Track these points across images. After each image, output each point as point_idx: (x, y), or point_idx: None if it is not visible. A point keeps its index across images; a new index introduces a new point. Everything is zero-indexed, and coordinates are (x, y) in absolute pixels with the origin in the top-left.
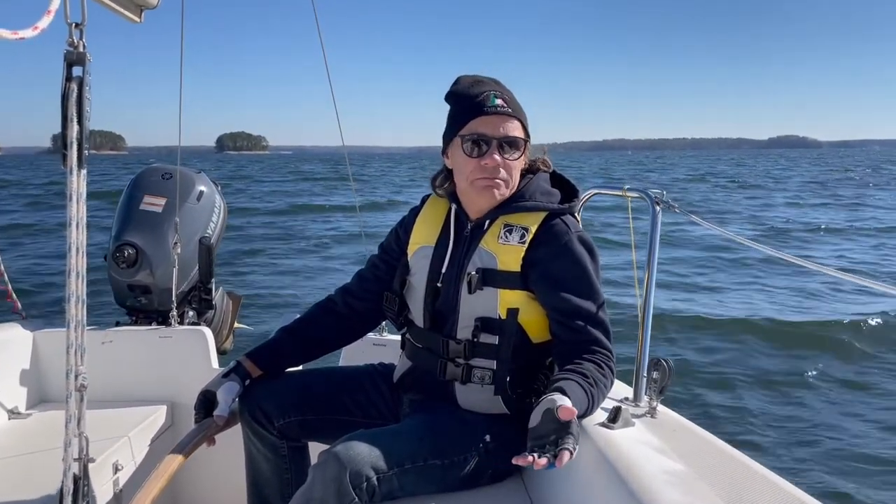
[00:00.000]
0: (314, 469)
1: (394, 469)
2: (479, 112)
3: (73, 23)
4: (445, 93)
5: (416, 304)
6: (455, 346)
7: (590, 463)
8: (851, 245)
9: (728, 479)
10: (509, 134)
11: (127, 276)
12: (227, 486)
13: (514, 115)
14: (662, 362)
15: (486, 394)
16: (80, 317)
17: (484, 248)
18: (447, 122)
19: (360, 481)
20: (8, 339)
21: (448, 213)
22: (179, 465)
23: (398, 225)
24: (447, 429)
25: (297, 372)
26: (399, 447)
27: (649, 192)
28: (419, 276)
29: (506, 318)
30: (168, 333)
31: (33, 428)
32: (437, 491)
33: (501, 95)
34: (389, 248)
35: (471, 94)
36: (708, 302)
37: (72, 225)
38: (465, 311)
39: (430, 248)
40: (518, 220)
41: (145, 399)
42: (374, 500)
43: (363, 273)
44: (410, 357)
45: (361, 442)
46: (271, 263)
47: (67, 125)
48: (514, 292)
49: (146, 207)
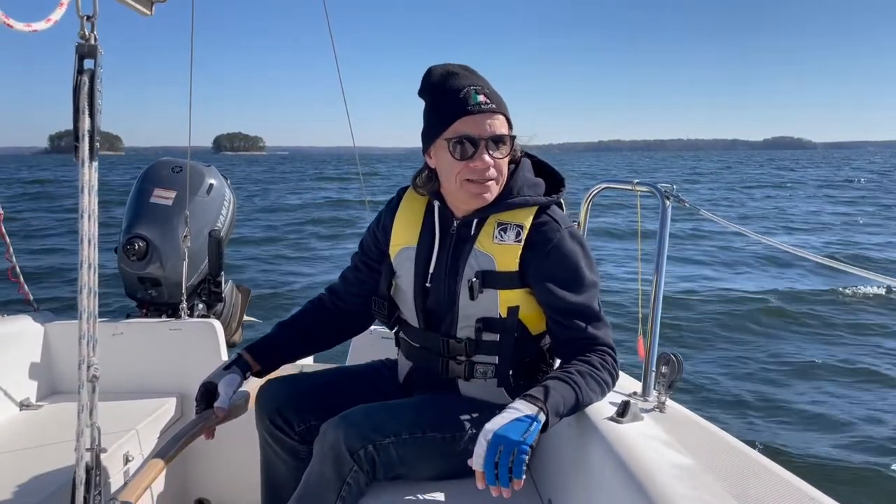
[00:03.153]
0: (315, 443)
1: (390, 437)
2: (463, 112)
3: (84, 15)
4: (419, 88)
5: (406, 304)
6: (456, 344)
7: (598, 457)
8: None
9: (737, 474)
10: (496, 132)
11: (137, 268)
12: (233, 475)
13: (497, 111)
14: (671, 357)
15: (490, 386)
16: (92, 308)
17: (480, 249)
18: (426, 119)
19: (357, 448)
20: (19, 331)
21: (429, 211)
22: (175, 455)
23: (375, 223)
24: (448, 405)
25: (314, 374)
26: (397, 417)
27: (658, 185)
28: (405, 277)
29: (506, 317)
30: (178, 326)
31: (45, 419)
32: (437, 465)
33: (482, 90)
34: (369, 250)
35: (450, 90)
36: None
37: (84, 216)
38: (465, 312)
39: (412, 250)
40: (511, 217)
41: (155, 391)
42: (376, 471)
43: (346, 275)
44: (408, 356)
45: (359, 412)
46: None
47: (79, 118)
48: (513, 291)
49: (156, 200)
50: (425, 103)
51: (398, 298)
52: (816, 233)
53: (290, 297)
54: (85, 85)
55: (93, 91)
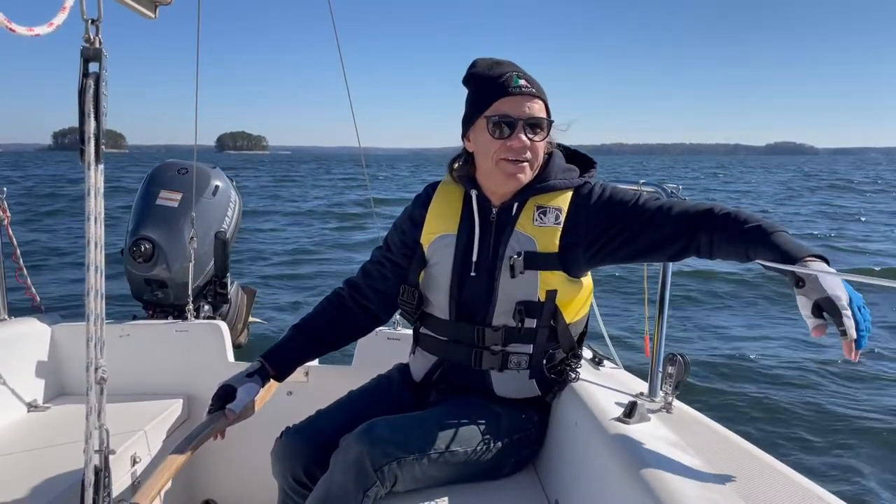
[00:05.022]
0: (335, 455)
1: (415, 454)
2: (504, 93)
3: (89, 19)
4: (463, 76)
5: (438, 295)
6: (492, 333)
7: (605, 457)
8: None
9: (744, 475)
10: (534, 114)
11: (143, 270)
12: (240, 476)
13: (537, 96)
14: (678, 357)
15: (522, 379)
16: (100, 310)
17: (521, 231)
18: (467, 105)
19: (381, 465)
20: (27, 333)
21: (465, 200)
22: (188, 456)
23: (402, 219)
24: (473, 418)
25: (329, 413)
26: (422, 433)
27: (664, 186)
28: (441, 265)
29: (545, 301)
30: (184, 327)
31: (52, 421)
32: (458, 479)
33: (524, 76)
34: (394, 244)
35: (493, 76)
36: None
37: (90, 219)
38: (504, 296)
39: (451, 237)
40: (549, 200)
41: (162, 392)
42: (396, 485)
43: (369, 270)
44: (434, 352)
45: (384, 426)
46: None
47: (85, 121)
48: (553, 273)
49: (162, 202)
50: (468, 91)
51: (429, 288)
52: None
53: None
54: (90, 88)
55: (98, 94)
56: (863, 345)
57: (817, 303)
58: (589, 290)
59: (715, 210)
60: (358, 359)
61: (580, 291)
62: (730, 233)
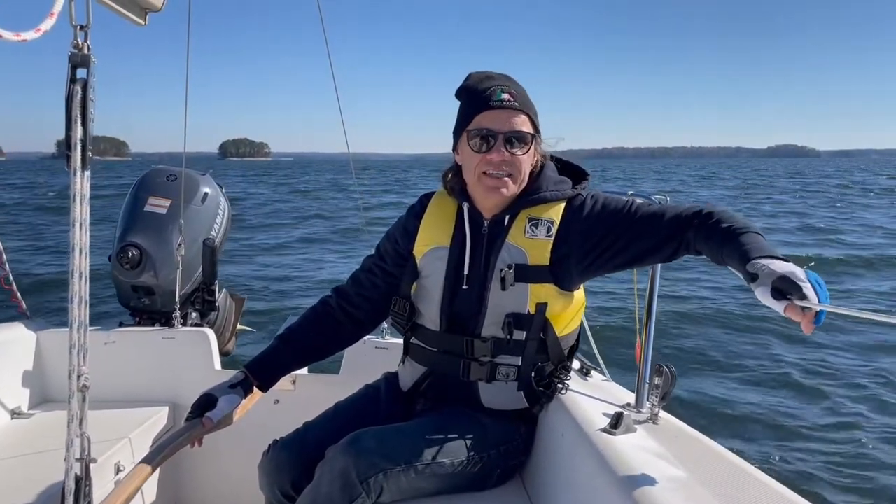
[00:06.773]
0: (321, 466)
1: (401, 466)
2: (485, 107)
3: (77, 25)
4: (456, 90)
5: (429, 306)
6: (481, 344)
7: (591, 469)
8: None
9: (729, 486)
10: (516, 128)
11: (131, 277)
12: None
13: (520, 110)
14: (665, 368)
15: (510, 390)
16: (83, 317)
17: (512, 243)
18: (457, 118)
19: (368, 476)
20: (12, 339)
21: (459, 213)
22: (162, 462)
23: (396, 229)
24: (459, 429)
25: (316, 426)
26: (409, 444)
27: (653, 197)
28: (434, 278)
29: (535, 314)
30: (171, 335)
31: (36, 428)
32: (445, 490)
33: (509, 90)
34: (386, 254)
35: (479, 90)
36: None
37: (75, 226)
38: (494, 307)
39: (444, 250)
40: (541, 212)
41: (147, 400)
42: (381, 496)
43: (359, 278)
44: (423, 362)
45: (370, 438)
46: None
47: (72, 127)
48: (543, 286)
49: (151, 209)
50: (459, 103)
51: (420, 300)
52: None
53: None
54: (77, 94)
55: (85, 100)
56: (821, 320)
57: (774, 286)
58: (581, 304)
59: (703, 210)
60: (345, 367)
61: (571, 304)
62: (708, 230)
